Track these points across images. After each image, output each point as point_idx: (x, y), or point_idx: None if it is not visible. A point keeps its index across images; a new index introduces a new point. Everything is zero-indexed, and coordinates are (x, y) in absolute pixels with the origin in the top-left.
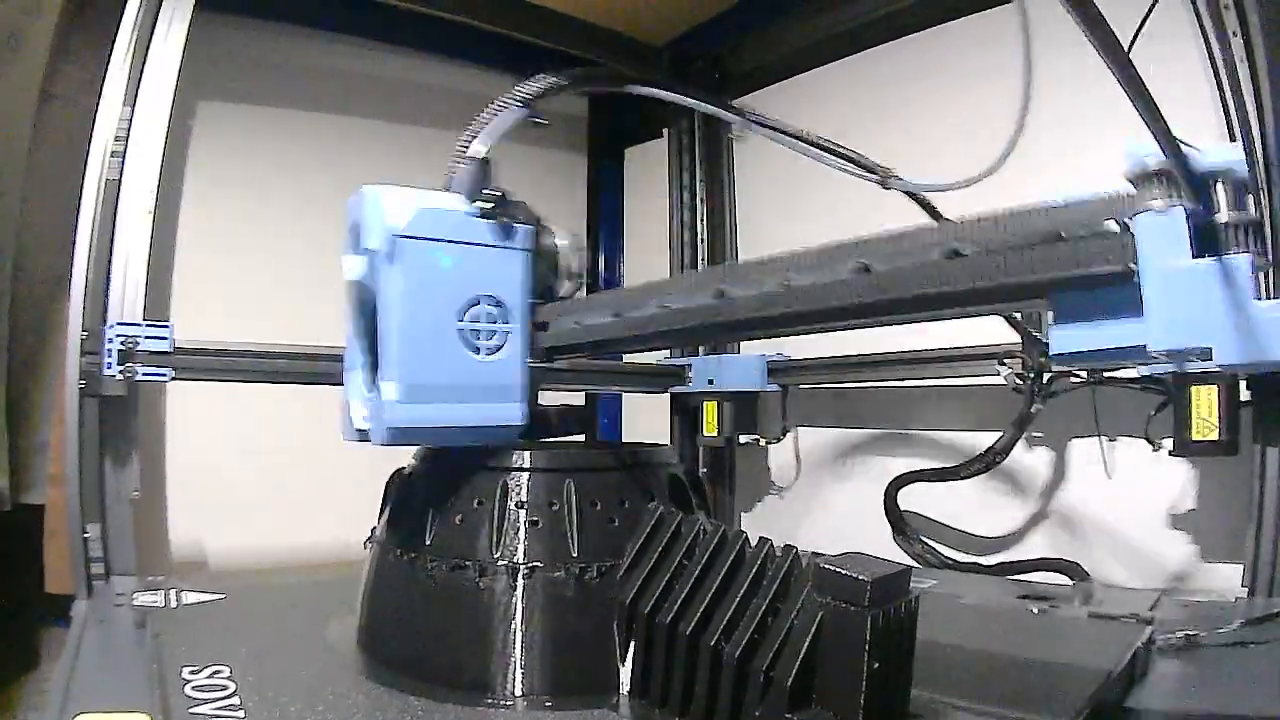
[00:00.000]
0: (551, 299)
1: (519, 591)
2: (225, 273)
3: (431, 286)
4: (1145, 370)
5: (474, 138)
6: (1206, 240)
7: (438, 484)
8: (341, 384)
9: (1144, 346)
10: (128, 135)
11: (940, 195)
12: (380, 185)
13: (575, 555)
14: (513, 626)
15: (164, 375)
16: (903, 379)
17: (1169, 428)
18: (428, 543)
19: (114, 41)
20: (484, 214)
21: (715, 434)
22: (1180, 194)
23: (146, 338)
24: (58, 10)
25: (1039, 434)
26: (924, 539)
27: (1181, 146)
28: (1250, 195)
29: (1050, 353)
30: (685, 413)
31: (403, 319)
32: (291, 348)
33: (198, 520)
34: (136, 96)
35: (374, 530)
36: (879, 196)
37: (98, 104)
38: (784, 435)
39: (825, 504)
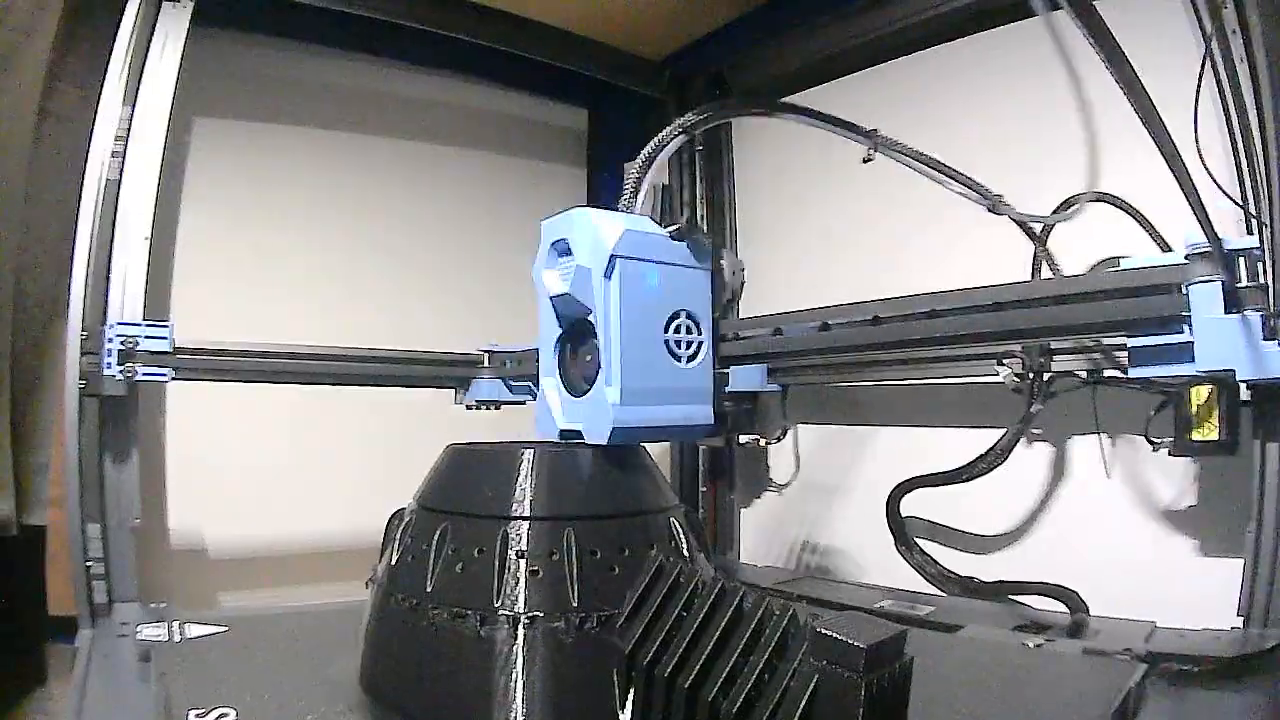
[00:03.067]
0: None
1: (520, 641)
2: (224, 275)
3: (643, 301)
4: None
5: (648, 165)
6: (1233, 298)
7: (438, 531)
8: (339, 384)
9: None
10: (127, 135)
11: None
12: (584, 208)
13: (575, 605)
14: (514, 676)
15: (164, 375)
16: (902, 379)
17: (1169, 427)
18: (429, 590)
19: (110, 57)
20: (677, 236)
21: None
22: (1219, 270)
23: (146, 338)
24: (53, 29)
25: (1038, 431)
26: (923, 546)
27: (1219, 236)
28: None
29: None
30: None
31: (623, 330)
32: (291, 348)
33: (197, 520)
34: (136, 98)
35: (375, 570)
36: (872, 210)
37: (95, 114)
38: (784, 435)
39: (825, 503)
